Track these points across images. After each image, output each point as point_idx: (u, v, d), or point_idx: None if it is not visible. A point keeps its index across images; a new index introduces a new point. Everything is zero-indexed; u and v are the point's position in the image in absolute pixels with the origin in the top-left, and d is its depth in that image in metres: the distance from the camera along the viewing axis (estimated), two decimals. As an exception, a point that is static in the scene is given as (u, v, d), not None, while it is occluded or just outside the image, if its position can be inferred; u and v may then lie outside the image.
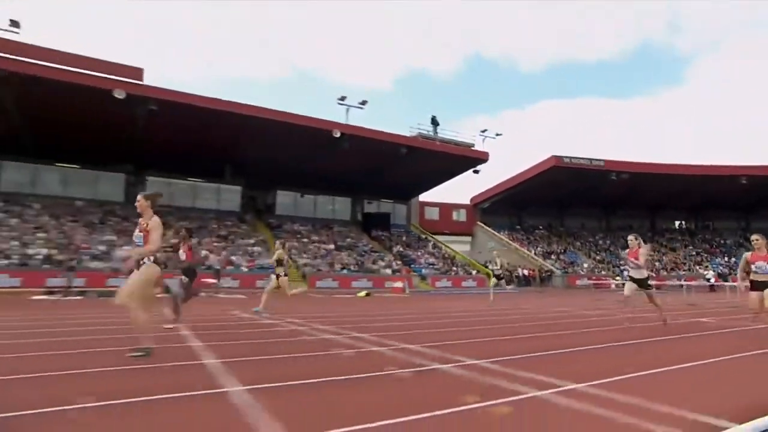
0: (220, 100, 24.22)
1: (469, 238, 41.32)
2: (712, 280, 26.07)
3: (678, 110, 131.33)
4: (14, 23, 20.08)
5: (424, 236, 36.49)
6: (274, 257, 9.45)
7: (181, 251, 7.51)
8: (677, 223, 43.21)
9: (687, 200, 39.64)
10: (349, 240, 31.43)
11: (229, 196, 32.01)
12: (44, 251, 21.79)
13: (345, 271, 27.21)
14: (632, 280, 7.36)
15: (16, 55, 20.39)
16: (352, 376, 3.51)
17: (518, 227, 40.85)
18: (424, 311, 11.31)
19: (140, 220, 4.39)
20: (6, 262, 20.43)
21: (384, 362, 3.99)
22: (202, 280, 14.27)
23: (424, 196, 39.54)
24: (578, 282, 32.11)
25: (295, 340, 5.79)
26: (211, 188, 31.64)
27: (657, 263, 34.06)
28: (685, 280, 29.23)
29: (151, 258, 4.32)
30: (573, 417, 2.47)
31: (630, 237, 7.58)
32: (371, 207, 36.35)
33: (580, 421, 2.40)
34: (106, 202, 28.31)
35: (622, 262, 31.16)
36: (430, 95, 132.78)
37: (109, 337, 5.79)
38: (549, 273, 32.32)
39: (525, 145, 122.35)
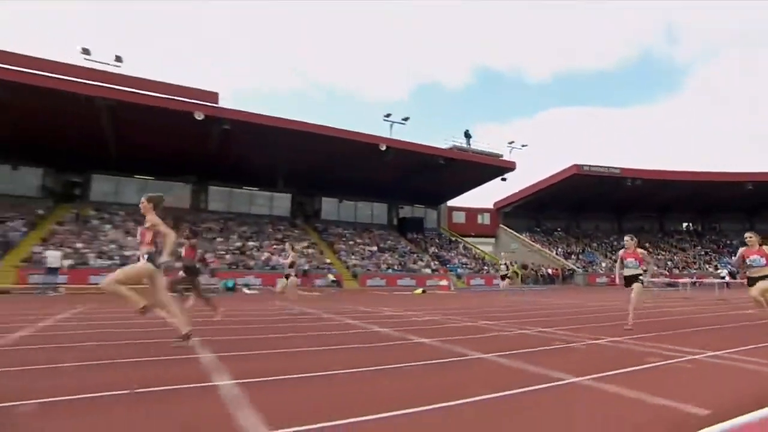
0: (283, 119, 26.76)
1: (492, 240, 43.92)
2: (727, 278, 28.43)
3: (676, 116, 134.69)
4: (118, 58, 22.88)
5: (454, 238, 39.10)
6: (289, 260, 9.63)
7: (182, 249, 7.75)
8: (684, 224, 45.08)
9: (694, 203, 41.85)
10: (389, 242, 34.04)
11: (281, 203, 34.70)
12: (137, 253, 24.72)
13: (390, 271, 29.90)
14: (627, 279, 7.37)
15: (118, 85, 23.29)
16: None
17: (537, 229, 43.29)
18: (507, 304, 12.98)
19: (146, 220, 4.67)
20: (109, 262, 23.31)
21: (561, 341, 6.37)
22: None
23: (452, 201, 42.25)
24: (598, 280, 34.67)
25: (491, 334, 6.51)
26: (265, 196, 34.23)
27: (669, 262, 36.55)
28: (696, 278, 31.95)
29: (146, 256, 4.53)
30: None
31: (626, 237, 7.65)
32: (405, 212, 39.02)
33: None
34: (177, 209, 31.18)
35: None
36: (443, 105, 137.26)
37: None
38: (571, 272, 34.88)
39: (534, 151, 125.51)
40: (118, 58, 22.87)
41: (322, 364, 3.83)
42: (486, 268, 33.71)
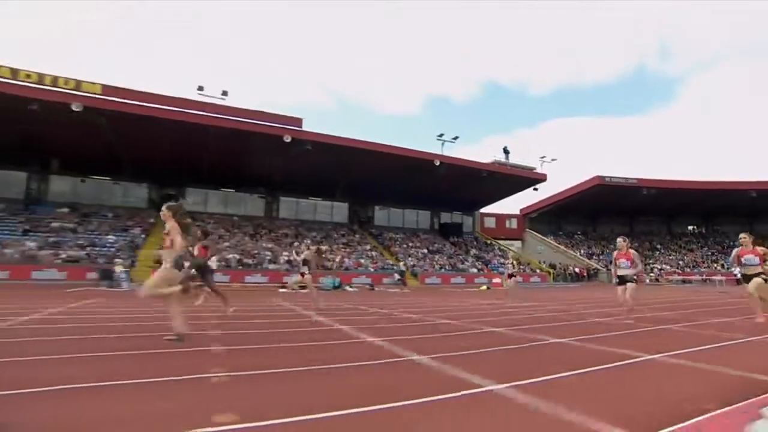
0: (356, 140, 29.96)
1: (519, 242, 47.67)
2: (739, 275, 32.20)
3: (670, 125, 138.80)
4: (224, 93, 26.52)
5: (488, 241, 42.83)
6: (302, 257, 9.68)
7: (195, 248, 7.84)
8: (690, 227, 48.38)
9: (700, 208, 45.21)
10: (436, 245, 37.60)
11: (339, 211, 38.34)
12: (237, 256, 28.31)
13: (443, 270, 33.55)
14: (620, 279, 7.62)
15: (223, 114, 26.88)
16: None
17: (560, 233, 46.93)
18: (581, 297, 15.91)
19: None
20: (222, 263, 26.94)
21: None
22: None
23: (484, 208, 46.05)
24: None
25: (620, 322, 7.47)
26: (327, 205, 37.60)
27: (680, 262, 40.29)
28: (706, 275, 35.81)
29: (170, 262, 4.67)
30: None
31: (619, 239, 7.86)
32: (445, 218, 42.85)
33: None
34: (254, 217, 34.81)
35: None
36: (451, 117, 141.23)
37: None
38: (596, 270, 38.63)
39: (536, 160, 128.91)
40: (225, 93, 26.50)
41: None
42: (522, 267, 37.44)
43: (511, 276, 15.95)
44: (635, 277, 7.55)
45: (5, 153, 27.06)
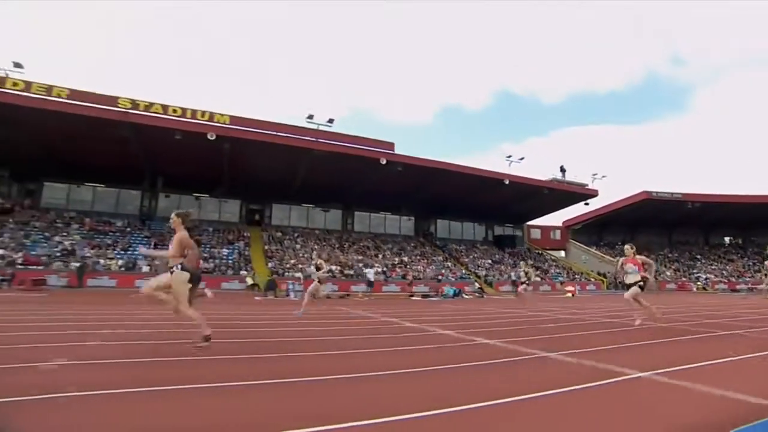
0: (437, 160, 31.33)
1: (562, 252, 49.27)
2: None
3: (682, 134, 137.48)
4: (330, 120, 28.41)
5: (539, 251, 44.55)
6: (314, 264, 10.23)
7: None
8: (727, 239, 49.88)
9: (737, 220, 46.58)
10: (496, 256, 39.38)
11: (406, 224, 40.15)
12: (339, 267, 30.02)
13: (510, 278, 35.22)
14: (628, 284, 7.68)
15: (327, 140, 28.66)
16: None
17: (601, 243, 48.63)
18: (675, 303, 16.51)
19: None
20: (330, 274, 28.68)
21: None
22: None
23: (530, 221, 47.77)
24: (667, 286, 39.90)
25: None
26: (395, 219, 39.39)
27: (724, 272, 41.79)
28: (751, 284, 37.28)
29: (179, 266, 4.69)
30: None
31: (626, 246, 7.96)
32: (498, 230, 44.64)
33: None
34: (333, 231, 36.60)
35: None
36: (463, 126, 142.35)
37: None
38: (645, 279, 39.97)
39: (543, 169, 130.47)
40: (330, 120, 28.41)
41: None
42: (577, 276, 39.05)
43: (522, 283, 15.85)
44: (641, 283, 7.55)
45: (124, 174, 29.05)
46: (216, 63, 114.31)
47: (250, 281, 23.79)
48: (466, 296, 23.33)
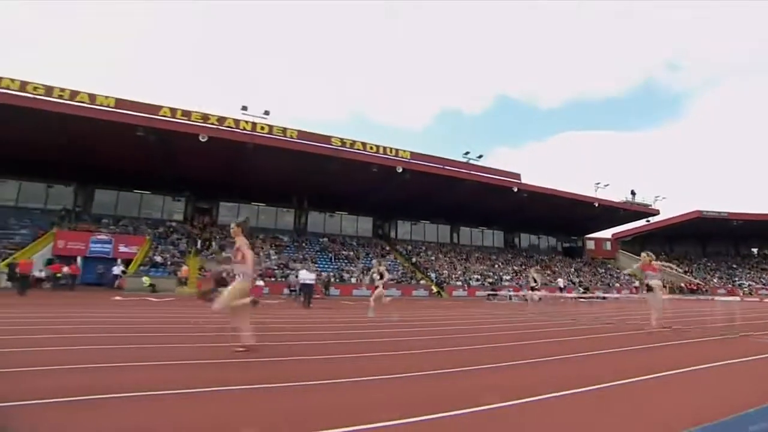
0: (549, 188, 33.87)
1: (612, 261, 53.51)
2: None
3: (678, 141, 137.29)
4: (471, 153, 31.76)
5: (599, 260, 48.65)
6: (376, 271, 10.29)
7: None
8: (754, 249, 54.99)
9: (764, 232, 51.48)
10: (574, 266, 43.31)
11: (496, 237, 43.98)
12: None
13: (599, 284, 39.06)
14: (649, 288, 7.75)
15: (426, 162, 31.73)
16: None
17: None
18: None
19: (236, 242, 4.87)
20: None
21: None
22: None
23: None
24: (718, 291, 44.30)
25: None
26: (490, 233, 43.18)
27: (762, 279, 46.38)
28: (788, 290, 41.89)
29: (242, 275, 4.69)
30: None
31: (642, 254, 8.09)
32: (566, 242, 48.74)
33: None
34: (445, 244, 40.01)
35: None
36: (462, 130, 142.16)
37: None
38: (698, 285, 44.53)
39: (544, 173, 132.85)
40: (478, 155, 31.80)
41: None
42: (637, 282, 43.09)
43: (533, 289, 15.73)
44: (662, 287, 7.85)
45: (280, 195, 31.91)
46: (215, 63, 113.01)
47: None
48: (535, 298, 26.53)
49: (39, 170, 26.74)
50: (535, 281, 15.52)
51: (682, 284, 43.73)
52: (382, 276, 10.10)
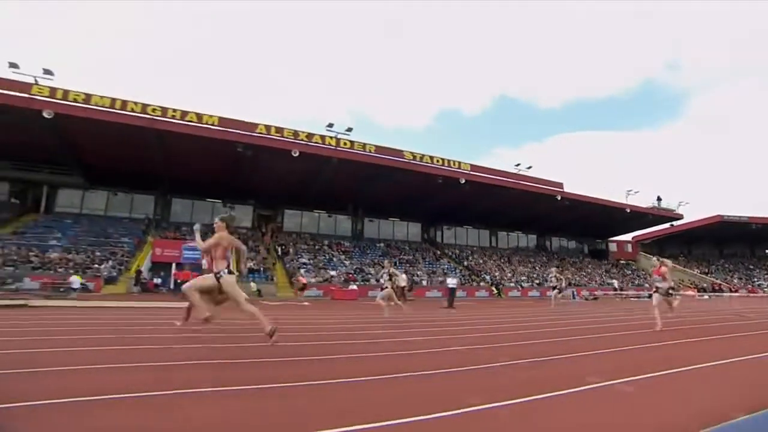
0: (590, 196, 36.12)
1: (633, 263, 55.26)
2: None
3: (678, 141, 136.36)
4: (519, 164, 33.39)
5: (623, 262, 50.41)
6: (386, 272, 9.91)
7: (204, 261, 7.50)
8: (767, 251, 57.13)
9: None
10: (603, 267, 45.00)
11: (530, 240, 45.74)
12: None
13: (630, 285, 40.73)
14: (657, 290, 7.89)
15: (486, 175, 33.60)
16: None
17: (666, 255, 54.79)
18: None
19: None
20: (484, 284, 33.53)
21: None
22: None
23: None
24: (740, 290, 46.06)
25: None
26: (524, 236, 45.00)
27: (778, 279, 48.21)
28: (807, 289, 43.63)
29: (226, 271, 4.46)
30: None
31: (653, 259, 8.63)
32: (593, 245, 50.49)
33: None
34: (485, 247, 41.67)
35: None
36: (461, 130, 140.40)
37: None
38: (720, 286, 46.28)
39: (542, 173, 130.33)
40: (527, 165, 33.46)
41: None
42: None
43: (554, 288, 15.86)
44: (671, 291, 7.97)
45: (337, 204, 33.53)
46: (215, 63, 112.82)
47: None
48: (579, 299, 28.28)
49: (126, 181, 28.26)
50: (557, 281, 15.68)
51: (706, 285, 45.40)
52: (391, 277, 9.90)
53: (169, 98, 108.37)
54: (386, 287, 9.68)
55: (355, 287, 22.21)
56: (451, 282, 15.94)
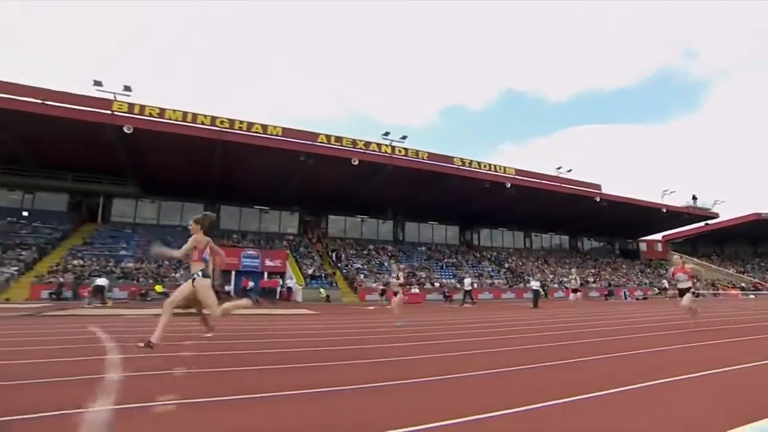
0: (629, 197, 35.61)
1: (665, 262, 54.74)
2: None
3: (695, 134, 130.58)
4: (563, 170, 33.42)
5: (656, 261, 50.01)
6: (396, 276, 10.04)
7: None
8: None
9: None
10: (636, 267, 44.75)
11: (561, 241, 45.69)
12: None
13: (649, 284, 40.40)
14: (680, 291, 7.62)
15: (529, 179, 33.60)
16: None
17: (699, 254, 54.20)
18: None
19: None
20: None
21: None
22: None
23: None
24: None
25: None
26: (548, 237, 44.81)
27: (812, 277, 47.44)
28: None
29: (200, 273, 4.24)
30: None
31: (675, 257, 8.05)
32: (624, 245, 50.20)
33: None
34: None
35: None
36: (466, 125, 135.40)
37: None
38: (759, 284, 45.75)
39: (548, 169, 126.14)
40: (561, 168, 33.43)
41: None
42: (698, 282, 44.44)
43: (575, 290, 15.43)
44: (694, 290, 7.69)
45: (377, 208, 33.80)
46: (214, 63, 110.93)
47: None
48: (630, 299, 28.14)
49: (176, 190, 28.79)
50: (576, 281, 15.60)
51: (743, 284, 44.90)
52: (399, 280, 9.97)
53: (169, 99, 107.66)
54: (398, 292, 9.96)
55: (417, 290, 22.45)
56: (533, 284, 16.04)
